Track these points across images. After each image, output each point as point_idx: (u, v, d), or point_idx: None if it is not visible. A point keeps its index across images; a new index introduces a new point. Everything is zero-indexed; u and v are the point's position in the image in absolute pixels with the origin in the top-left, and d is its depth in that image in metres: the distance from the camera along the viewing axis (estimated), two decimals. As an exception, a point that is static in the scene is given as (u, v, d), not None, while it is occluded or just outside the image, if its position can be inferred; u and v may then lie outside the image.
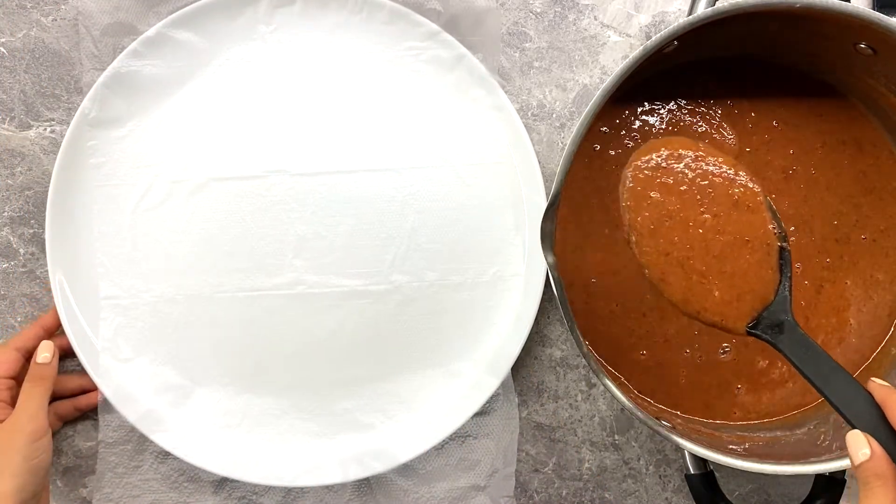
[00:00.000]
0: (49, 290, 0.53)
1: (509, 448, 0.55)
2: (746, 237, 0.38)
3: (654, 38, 0.42)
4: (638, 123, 0.52)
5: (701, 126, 0.53)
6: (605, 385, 0.44)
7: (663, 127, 0.52)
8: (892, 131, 0.53)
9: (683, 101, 0.53)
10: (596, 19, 0.56)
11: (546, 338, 0.57)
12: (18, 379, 0.51)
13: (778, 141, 0.53)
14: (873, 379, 0.36)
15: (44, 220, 0.52)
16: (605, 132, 0.52)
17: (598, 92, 0.43)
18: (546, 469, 0.57)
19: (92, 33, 0.53)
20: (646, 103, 0.52)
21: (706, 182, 0.38)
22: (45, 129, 0.55)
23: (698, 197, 0.38)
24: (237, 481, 0.54)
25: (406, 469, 0.55)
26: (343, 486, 0.55)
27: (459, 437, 0.55)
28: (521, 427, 0.56)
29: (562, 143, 0.56)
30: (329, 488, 0.55)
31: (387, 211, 0.54)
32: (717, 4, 0.44)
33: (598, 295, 0.52)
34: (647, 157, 0.39)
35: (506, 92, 0.54)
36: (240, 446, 0.53)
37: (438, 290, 0.54)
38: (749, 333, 0.39)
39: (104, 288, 0.53)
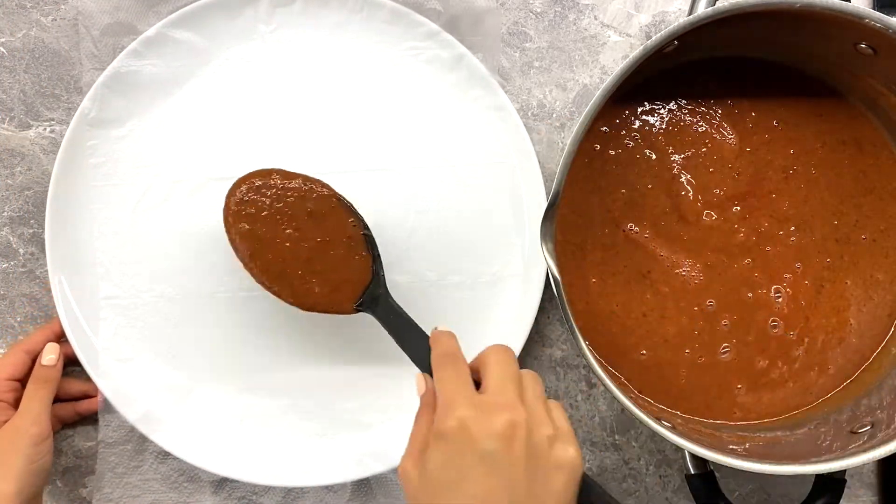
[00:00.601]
0: (49, 290, 0.53)
1: (509, 448, 0.55)
2: (327, 238, 0.48)
3: (654, 38, 0.42)
4: (638, 123, 0.52)
5: (701, 126, 0.53)
6: (605, 385, 0.44)
7: (663, 127, 0.52)
8: (892, 131, 0.53)
9: (683, 101, 0.53)
10: (596, 19, 0.56)
11: (546, 338, 0.57)
12: (23, 381, 0.51)
13: (778, 141, 0.53)
14: (436, 326, 0.42)
15: (44, 220, 0.52)
16: (605, 132, 0.52)
17: (598, 92, 0.43)
18: (546, 469, 0.57)
19: (92, 33, 0.53)
20: (646, 103, 0.52)
21: (282, 204, 0.47)
22: (45, 129, 0.55)
23: (278, 217, 0.47)
24: (237, 481, 0.54)
25: (406, 469, 0.54)
26: (343, 486, 0.55)
27: (459, 437, 0.55)
28: (521, 427, 0.56)
29: (562, 143, 0.56)
30: (329, 488, 0.55)
31: (386, 211, 0.54)
32: (717, 4, 0.44)
33: (598, 295, 0.52)
34: (233, 197, 0.47)
35: (506, 92, 0.54)
36: (240, 446, 0.53)
37: (438, 290, 0.54)
38: (357, 311, 0.48)
39: (104, 288, 0.53)
